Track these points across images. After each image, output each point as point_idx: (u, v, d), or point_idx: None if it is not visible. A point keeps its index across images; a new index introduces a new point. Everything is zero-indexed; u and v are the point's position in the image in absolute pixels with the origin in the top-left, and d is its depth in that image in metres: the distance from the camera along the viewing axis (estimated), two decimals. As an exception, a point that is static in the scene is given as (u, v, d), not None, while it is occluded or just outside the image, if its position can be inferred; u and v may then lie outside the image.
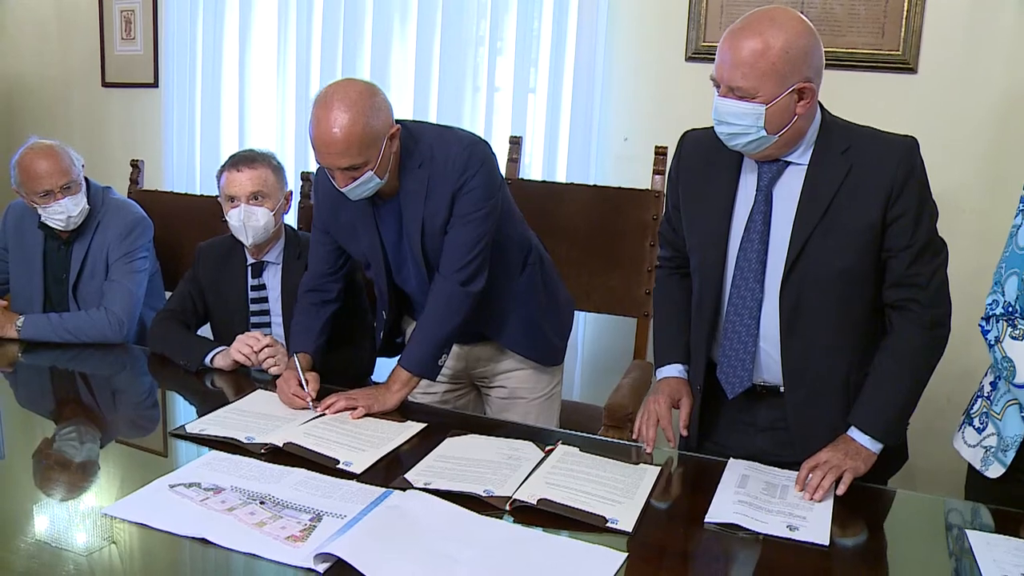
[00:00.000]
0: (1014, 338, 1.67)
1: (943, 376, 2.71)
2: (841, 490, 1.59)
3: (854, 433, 1.67)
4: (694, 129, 1.84)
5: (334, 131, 1.80)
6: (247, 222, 2.27)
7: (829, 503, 1.56)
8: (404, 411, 1.96)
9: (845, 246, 1.64)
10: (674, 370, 1.88)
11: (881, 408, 1.67)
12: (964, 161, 2.73)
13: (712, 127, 1.66)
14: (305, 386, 1.94)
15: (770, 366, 1.75)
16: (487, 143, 2.01)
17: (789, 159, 1.67)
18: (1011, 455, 1.68)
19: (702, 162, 1.77)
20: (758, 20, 1.57)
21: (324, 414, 1.89)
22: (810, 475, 1.61)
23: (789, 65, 1.55)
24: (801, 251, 1.65)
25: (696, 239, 1.79)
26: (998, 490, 1.69)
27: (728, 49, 1.58)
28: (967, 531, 1.50)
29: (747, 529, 1.46)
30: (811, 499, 1.57)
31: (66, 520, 1.44)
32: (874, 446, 1.65)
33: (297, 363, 2.00)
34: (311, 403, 1.92)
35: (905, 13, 2.73)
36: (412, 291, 2.12)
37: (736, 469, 1.68)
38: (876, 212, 1.62)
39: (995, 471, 1.70)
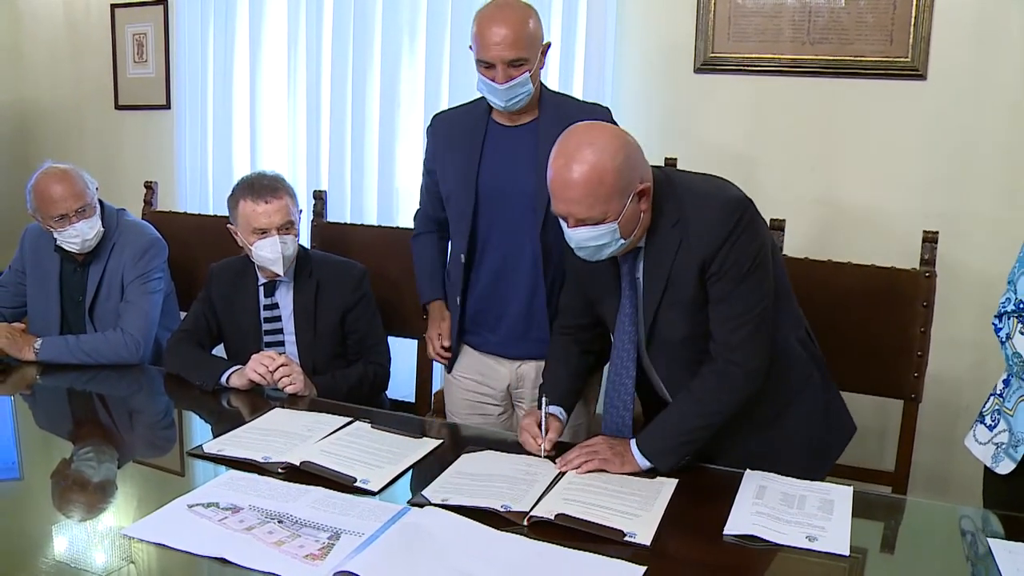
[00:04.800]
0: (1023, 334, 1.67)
1: (961, 384, 2.72)
2: (582, 470, 1.69)
3: (632, 444, 1.73)
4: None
5: (507, 24, 1.95)
6: (284, 252, 2.26)
7: (847, 513, 1.55)
8: (419, 428, 1.96)
9: (683, 317, 1.73)
10: (555, 409, 1.88)
11: (661, 436, 1.72)
12: (975, 167, 2.72)
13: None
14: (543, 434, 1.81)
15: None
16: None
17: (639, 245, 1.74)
18: (1022, 450, 1.69)
19: (589, 264, 1.77)
20: (578, 149, 1.59)
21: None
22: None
23: (624, 180, 1.60)
24: (653, 323, 1.75)
25: (605, 320, 1.89)
26: (1014, 492, 1.69)
27: (563, 187, 1.60)
28: (988, 539, 1.49)
29: (766, 540, 1.45)
30: (562, 470, 1.70)
31: (85, 541, 1.45)
32: (643, 461, 1.71)
33: (543, 408, 1.84)
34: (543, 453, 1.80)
35: (913, 20, 2.72)
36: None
37: (753, 480, 1.68)
38: (696, 282, 1.68)
39: (1005, 467, 1.71)
